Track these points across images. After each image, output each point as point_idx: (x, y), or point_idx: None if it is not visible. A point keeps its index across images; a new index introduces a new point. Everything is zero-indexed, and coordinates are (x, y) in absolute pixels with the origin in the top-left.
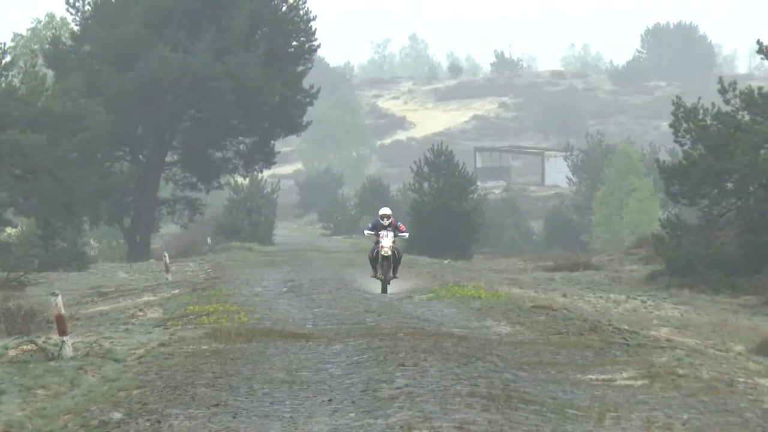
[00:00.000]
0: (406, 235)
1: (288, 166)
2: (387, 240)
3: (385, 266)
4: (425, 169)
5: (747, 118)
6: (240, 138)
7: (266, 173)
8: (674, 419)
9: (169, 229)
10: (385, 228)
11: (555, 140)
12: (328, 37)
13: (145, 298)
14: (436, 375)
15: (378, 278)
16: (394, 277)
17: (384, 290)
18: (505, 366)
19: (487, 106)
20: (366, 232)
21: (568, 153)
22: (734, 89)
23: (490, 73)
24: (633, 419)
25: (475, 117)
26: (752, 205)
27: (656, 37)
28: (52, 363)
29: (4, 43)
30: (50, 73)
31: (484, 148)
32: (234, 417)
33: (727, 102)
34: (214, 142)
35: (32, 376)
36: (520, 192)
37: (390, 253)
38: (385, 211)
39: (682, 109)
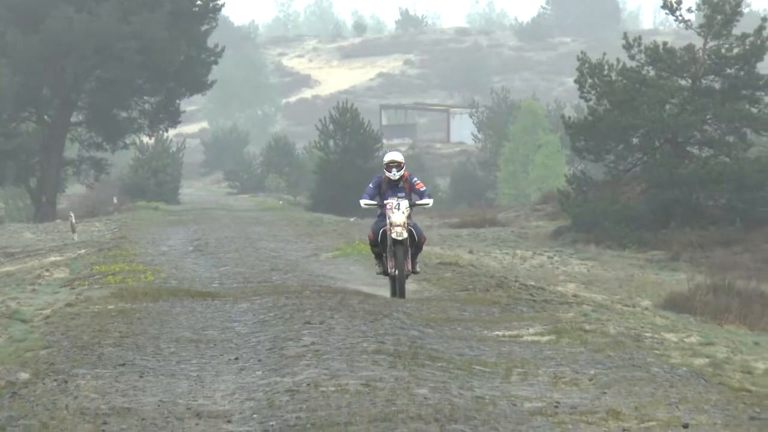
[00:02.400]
0: (429, 202)
1: (193, 125)
2: (399, 213)
3: (398, 255)
4: (331, 127)
5: (652, 73)
6: (145, 98)
7: (172, 132)
8: (581, 375)
9: (75, 189)
10: (394, 190)
11: (460, 97)
12: None
13: (52, 259)
14: (343, 332)
15: (387, 274)
16: (414, 271)
17: (398, 292)
18: (412, 323)
19: (392, 64)
20: (364, 203)
21: (474, 110)
22: (639, 45)
23: (395, 30)
24: (540, 375)
25: (380, 75)
26: (658, 161)
27: None
28: None
29: None
30: None
31: (389, 106)
32: (141, 376)
33: (632, 57)
34: (120, 102)
35: None
36: (426, 149)
37: (405, 234)
38: (395, 156)
39: (587, 65)
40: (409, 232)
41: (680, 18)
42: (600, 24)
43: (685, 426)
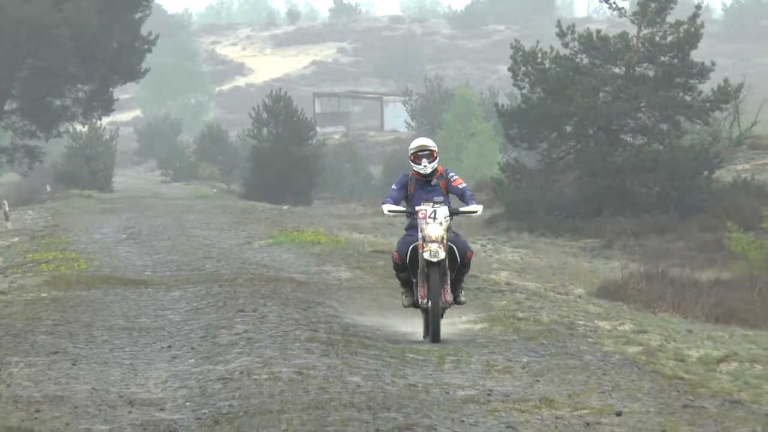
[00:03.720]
0: (478, 209)
1: (127, 114)
2: (435, 225)
3: (433, 281)
4: (264, 115)
5: (586, 61)
6: (79, 86)
7: (105, 121)
8: (514, 362)
9: (8, 177)
10: (426, 190)
11: (394, 85)
12: None
13: None
14: (276, 320)
15: (419, 307)
16: (457, 301)
17: (431, 331)
18: (345, 311)
19: (325, 52)
20: (387, 209)
21: (407, 98)
22: (573, 33)
23: (329, 18)
24: (473, 362)
25: (313, 63)
26: (591, 148)
27: None
28: None
29: None
30: None
31: (323, 94)
32: (74, 364)
33: (565, 45)
34: (53, 90)
35: None
36: (360, 137)
37: (443, 254)
38: (425, 142)
39: (520, 53)
40: (449, 249)
41: (614, 6)
42: (534, 12)
43: (618, 414)
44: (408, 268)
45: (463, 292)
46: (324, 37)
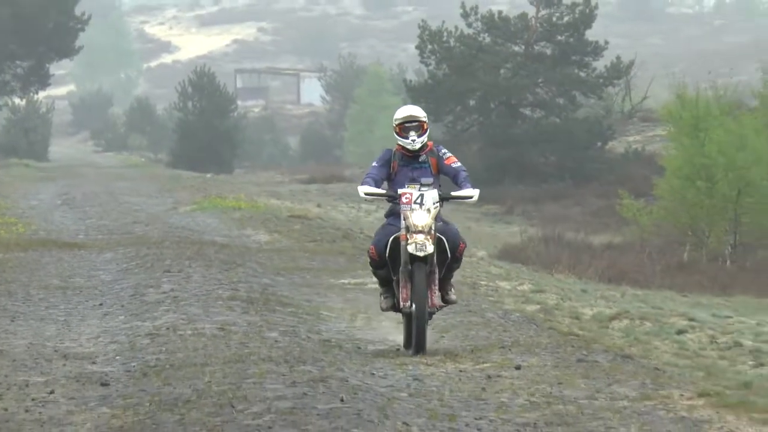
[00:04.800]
0: (474, 194)
1: (62, 88)
2: (421, 212)
3: (418, 280)
4: (189, 89)
5: (488, 40)
6: (17, 62)
7: (42, 95)
8: None
9: None
10: (412, 169)
11: (310, 62)
12: None
13: None
14: (200, 280)
15: (400, 311)
16: (447, 300)
17: (414, 341)
18: (264, 271)
19: (246, 31)
20: (364, 191)
21: (322, 74)
22: (476, 13)
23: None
24: (382, 320)
25: (235, 41)
26: (493, 121)
27: None
28: None
29: None
30: None
31: (244, 70)
32: (12, 320)
33: (469, 25)
34: None
35: None
36: (278, 110)
37: (430, 247)
38: (413, 111)
39: (427, 32)
40: (438, 241)
41: None
42: None
43: (518, 367)
44: (387, 264)
45: (452, 289)
46: (245, 17)
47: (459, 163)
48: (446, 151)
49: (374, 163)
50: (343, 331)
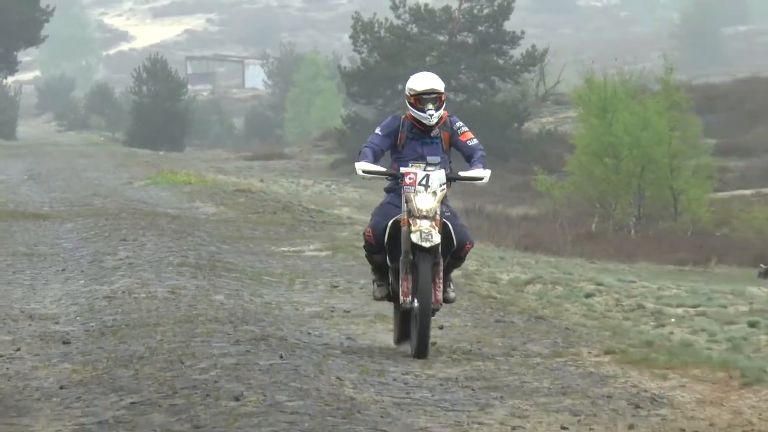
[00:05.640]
0: (485, 175)
1: (29, 73)
2: (426, 196)
3: (423, 272)
4: (144, 75)
5: (415, 30)
6: None
7: (10, 79)
8: (353, 284)
9: None
10: (421, 144)
11: (254, 50)
12: None
13: None
14: (153, 248)
15: (394, 302)
16: (447, 299)
17: (415, 342)
18: (211, 240)
19: (196, 22)
20: (362, 169)
21: (265, 61)
22: (404, 6)
23: None
24: (318, 284)
25: (186, 31)
26: None
27: None
28: None
29: None
30: None
31: (193, 57)
32: None
33: (398, 17)
34: None
35: None
36: (224, 94)
37: (437, 237)
38: (433, 83)
39: (360, 23)
40: (443, 228)
41: None
42: None
43: (441, 327)
44: (384, 249)
45: (452, 285)
46: (195, 9)
47: (476, 141)
48: (462, 124)
49: (377, 131)
50: (283, 294)
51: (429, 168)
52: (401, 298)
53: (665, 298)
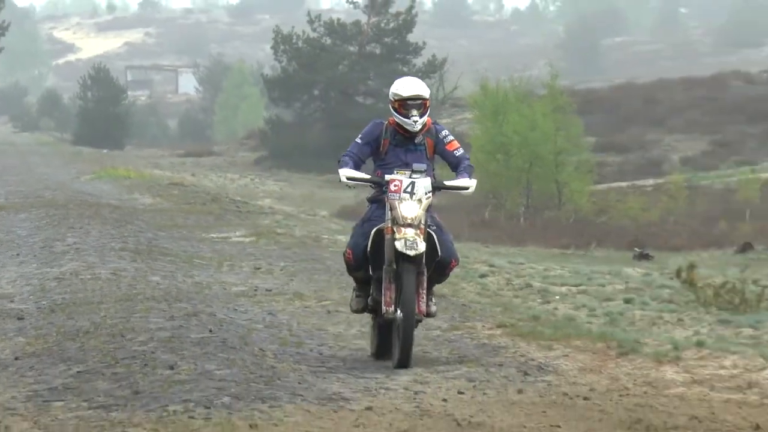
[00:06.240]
0: (471, 184)
1: None
2: (411, 203)
3: (407, 283)
4: (89, 82)
5: (329, 41)
6: None
7: None
8: (274, 266)
9: None
10: (405, 152)
11: (187, 60)
12: None
13: None
14: (97, 235)
15: (374, 313)
16: (429, 313)
17: (398, 355)
18: (148, 228)
19: (135, 35)
20: (345, 175)
21: (196, 69)
22: (319, 20)
23: (138, 9)
24: (244, 266)
25: (126, 43)
26: (333, 107)
27: None
28: None
29: None
30: None
31: (133, 66)
32: None
33: (314, 30)
34: None
35: None
36: (160, 99)
37: (422, 246)
38: (418, 89)
39: (280, 36)
40: (428, 238)
41: (350, 0)
42: (290, 4)
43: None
44: (364, 267)
45: (434, 299)
46: (134, 24)
47: (462, 151)
48: (447, 133)
49: (357, 139)
50: (212, 275)
51: (414, 175)
52: (384, 308)
53: (551, 278)
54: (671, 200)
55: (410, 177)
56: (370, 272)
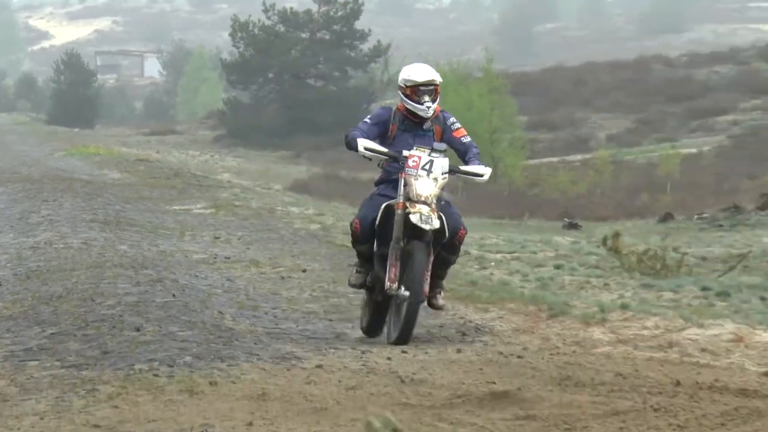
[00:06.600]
0: (486, 172)
1: None
2: (427, 180)
3: (417, 259)
4: (62, 67)
5: (282, 29)
6: None
7: None
8: (232, 235)
9: None
10: (414, 137)
11: (152, 46)
12: None
13: None
14: (69, 207)
15: (384, 293)
16: (435, 304)
17: (401, 331)
18: (116, 200)
19: (104, 23)
20: (363, 146)
21: (160, 55)
22: (274, 9)
23: None
24: (204, 236)
25: (96, 31)
26: (287, 90)
27: None
28: None
29: None
30: None
31: (102, 52)
32: None
33: (269, 18)
34: None
35: None
36: (127, 82)
37: (436, 222)
38: (431, 74)
39: (237, 23)
40: (441, 218)
41: None
42: None
43: (304, 270)
44: (370, 240)
45: (441, 293)
46: (103, 12)
47: (470, 138)
48: (455, 120)
49: (366, 120)
50: (175, 244)
51: (434, 154)
52: (387, 284)
53: (487, 246)
54: (598, 174)
55: (429, 154)
56: (375, 247)
